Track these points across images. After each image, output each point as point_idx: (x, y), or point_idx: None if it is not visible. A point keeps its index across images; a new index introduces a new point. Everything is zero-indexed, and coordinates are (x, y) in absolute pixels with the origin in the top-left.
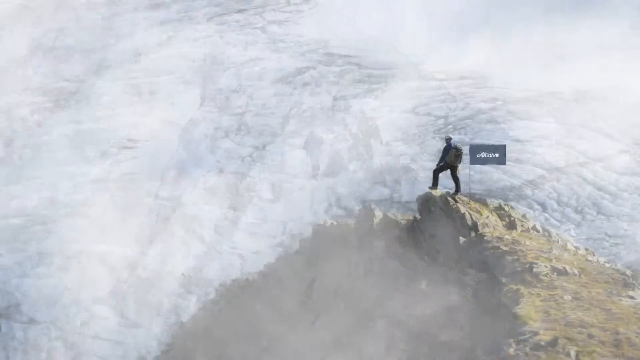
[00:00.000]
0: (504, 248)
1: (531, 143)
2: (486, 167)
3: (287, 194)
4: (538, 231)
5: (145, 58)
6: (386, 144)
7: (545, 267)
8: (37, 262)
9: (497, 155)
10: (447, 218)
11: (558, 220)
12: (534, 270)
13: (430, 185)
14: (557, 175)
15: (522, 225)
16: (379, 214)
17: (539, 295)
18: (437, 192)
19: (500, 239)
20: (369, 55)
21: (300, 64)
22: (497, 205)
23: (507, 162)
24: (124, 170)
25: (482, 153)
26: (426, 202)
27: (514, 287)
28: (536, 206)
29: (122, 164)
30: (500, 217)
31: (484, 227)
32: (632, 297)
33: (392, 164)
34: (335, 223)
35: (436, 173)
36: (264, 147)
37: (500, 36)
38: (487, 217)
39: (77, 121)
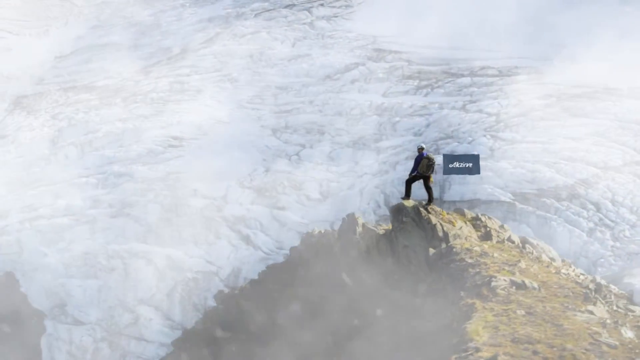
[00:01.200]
0: (469, 260)
1: (585, 141)
2: (538, 166)
3: (334, 193)
4: (513, 242)
5: (192, 55)
6: (435, 142)
7: (504, 280)
8: (83, 262)
9: (470, 165)
10: (419, 229)
11: (612, 221)
12: (492, 284)
13: (403, 195)
14: (612, 175)
15: (497, 236)
16: (362, 223)
17: (492, 310)
18: (410, 203)
19: (469, 250)
20: (418, 51)
21: (348, 60)
22: (474, 215)
23: (481, 172)
24: (169, 169)
25: (455, 163)
26: (398, 213)
27: (470, 301)
28: (590, 206)
29: (168, 162)
30: (476, 227)
31: (455, 239)
32: (590, 312)
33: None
34: (322, 232)
35: (408, 183)
36: (311, 145)
37: (554, 32)
38: (460, 228)
39: (122, 119)
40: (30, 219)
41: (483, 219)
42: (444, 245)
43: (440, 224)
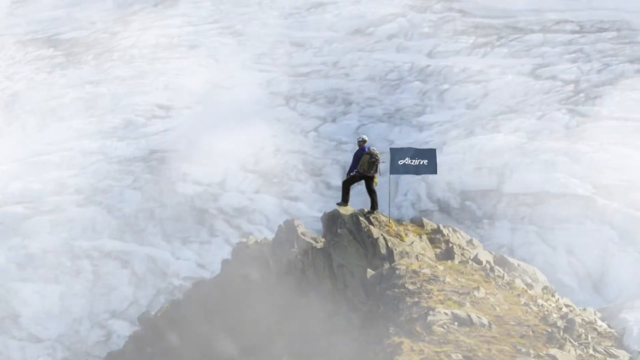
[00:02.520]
0: (410, 287)
1: None
2: (628, 150)
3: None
4: (480, 263)
5: (184, 1)
6: (495, 117)
7: (445, 314)
8: (41, 262)
9: (425, 162)
10: (357, 244)
11: None
12: (429, 318)
13: (339, 201)
14: None
15: (462, 255)
16: (301, 232)
17: (421, 352)
18: (347, 210)
19: (415, 274)
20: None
21: (384, 10)
22: (434, 227)
23: (437, 171)
24: (153, 145)
25: (406, 159)
26: (332, 223)
27: (397, 339)
28: None
29: (151, 138)
30: (435, 243)
31: (401, 257)
32: (552, 357)
33: (502, 144)
34: (259, 241)
35: (346, 185)
36: (334, 118)
37: None
38: (412, 243)
39: (95, 82)
40: None
41: (445, 232)
42: (386, 266)
43: (384, 238)
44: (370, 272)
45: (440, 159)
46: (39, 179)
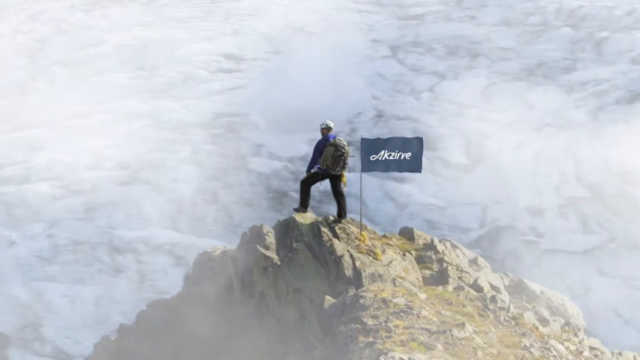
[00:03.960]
0: (370, 322)
1: None
2: None
3: (492, 157)
4: (481, 289)
5: None
6: None
7: None
8: (71, 256)
9: (407, 155)
10: (317, 262)
11: None
12: None
13: (297, 205)
14: None
15: (459, 278)
16: (271, 241)
17: None
18: (306, 218)
19: (384, 303)
20: None
21: None
22: (427, 242)
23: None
24: (217, 108)
25: (382, 152)
26: (285, 235)
27: None
28: None
29: (215, 98)
30: (424, 262)
31: (372, 281)
32: None
33: None
34: (225, 251)
35: (305, 186)
36: (455, 75)
37: None
38: (390, 262)
39: (144, 24)
40: None
41: (440, 247)
42: (351, 292)
43: (351, 255)
44: (329, 300)
45: (594, 129)
46: (71, 149)
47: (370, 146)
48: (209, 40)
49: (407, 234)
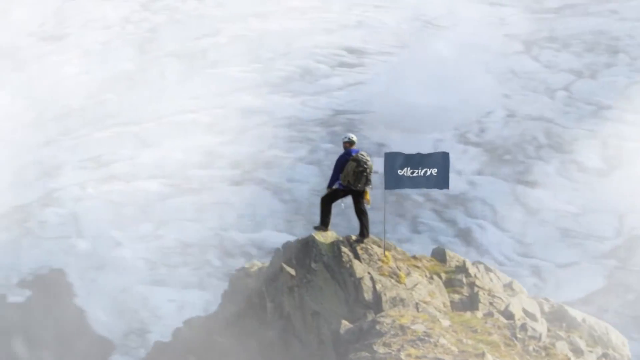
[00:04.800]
0: (382, 350)
1: None
2: None
3: (629, 162)
4: (512, 316)
5: None
6: None
7: None
8: (181, 259)
9: (433, 171)
10: (336, 284)
11: None
12: None
13: (318, 224)
14: None
15: (490, 304)
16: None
17: None
18: (326, 237)
19: (402, 330)
20: None
21: None
22: (459, 264)
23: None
24: (337, 104)
25: (406, 169)
26: (304, 254)
27: None
28: None
29: (335, 94)
30: (454, 286)
31: (393, 305)
32: None
33: None
34: (261, 265)
35: (326, 203)
36: (592, 73)
37: None
38: (414, 286)
39: (262, 14)
40: (94, 181)
41: (473, 271)
42: (369, 317)
43: (372, 277)
44: (345, 324)
45: None
46: (181, 145)
47: (394, 161)
48: (330, 33)
49: (439, 255)
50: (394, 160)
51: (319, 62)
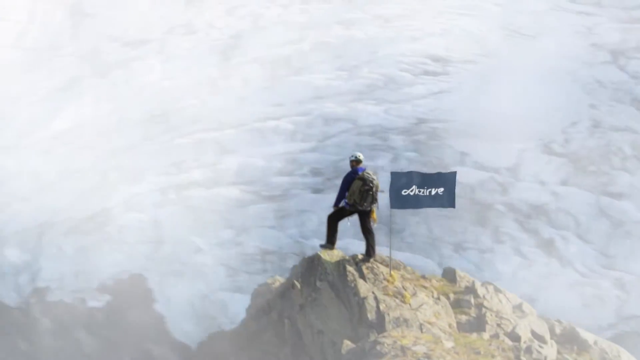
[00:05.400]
0: None
1: None
2: None
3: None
4: (517, 338)
5: None
6: None
7: None
8: (260, 266)
9: (440, 191)
10: (340, 303)
11: None
12: None
13: (324, 242)
14: None
15: (497, 326)
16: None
17: None
18: (333, 255)
19: (403, 351)
20: None
21: None
22: (468, 285)
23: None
24: (420, 113)
25: (412, 188)
26: (309, 273)
27: None
28: None
29: (419, 102)
30: (461, 307)
31: (397, 326)
32: None
33: None
34: (282, 281)
35: (332, 221)
36: None
37: None
38: (420, 306)
39: (347, 21)
40: (176, 187)
41: (481, 292)
42: (372, 337)
43: (376, 297)
44: (347, 344)
45: None
46: (263, 152)
47: (400, 180)
48: (415, 41)
49: (449, 275)
50: (400, 179)
51: (403, 70)
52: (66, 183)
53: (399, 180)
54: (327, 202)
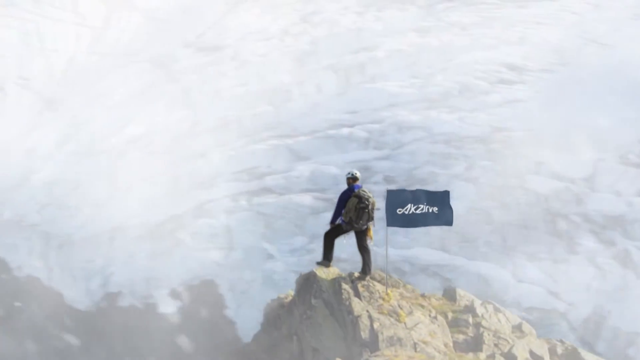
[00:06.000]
0: None
1: None
2: None
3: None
4: (514, 358)
5: None
6: None
7: None
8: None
9: (434, 209)
10: (335, 322)
11: None
12: None
13: (321, 259)
14: None
15: (496, 345)
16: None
17: None
18: (329, 273)
19: None
20: None
21: None
22: (468, 304)
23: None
24: (495, 121)
25: (408, 206)
26: (305, 290)
27: None
28: None
29: (494, 110)
30: (460, 326)
31: (390, 345)
32: None
33: None
34: (286, 298)
35: (329, 238)
36: None
37: None
38: (415, 325)
39: (422, 29)
40: (248, 194)
41: (480, 311)
42: (364, 356)
43: (370, 316)
44: None
45: None
46: (336, 159)
47: (396, 198)
48: (491, 49)
49: (449, 294)
50: (396, 197)
51: (478, 79)
52: (138, 189)
53: (395, 198)
54: None
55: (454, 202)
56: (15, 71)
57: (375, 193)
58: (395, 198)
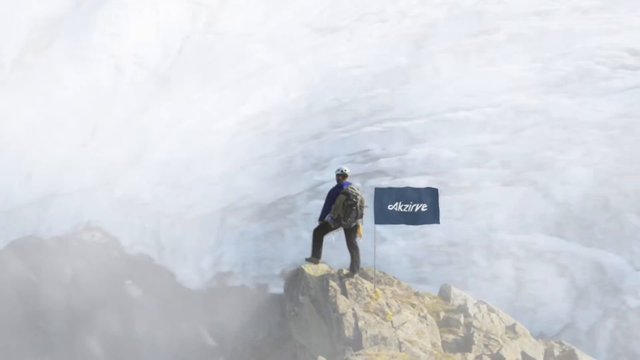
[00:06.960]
0: None
1: None
2: None
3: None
4: None
5: None
6: None
7: None
8: (446, 259)
9: (423, 207)
10: (321, 319)
11: None
12: None
13: (309, 255)
14: None
15: (486, 346)
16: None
17: None
18: (316, 269)
19: None
20: None
21: None
22: (462, 303)
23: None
24: (617, 107)
25: (396, 204)
26: (293, 287)
27: None
28: None
29: (616, 96)
30: (451, 326)
31: (374, 344)
32: None
33: None
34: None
35: (317, 235)
36: None
37: None
38: (402, 324)
39: (544, 12)
40: (362, 176)
41: (472, 311)
42: (347, 354)
43: (355, 314)
44: None
45: None
46: (452, 143)
47: (384, 196)
48: (614, 34)
49: (444, 292)
50: (383, 195)
51: (599, 64)
52: (252, 168)
53: (383, 196)
54: (516, 195)
55: (570, 188)
56: (130, 50)
57: (490, 177)
58: (384, 196)
